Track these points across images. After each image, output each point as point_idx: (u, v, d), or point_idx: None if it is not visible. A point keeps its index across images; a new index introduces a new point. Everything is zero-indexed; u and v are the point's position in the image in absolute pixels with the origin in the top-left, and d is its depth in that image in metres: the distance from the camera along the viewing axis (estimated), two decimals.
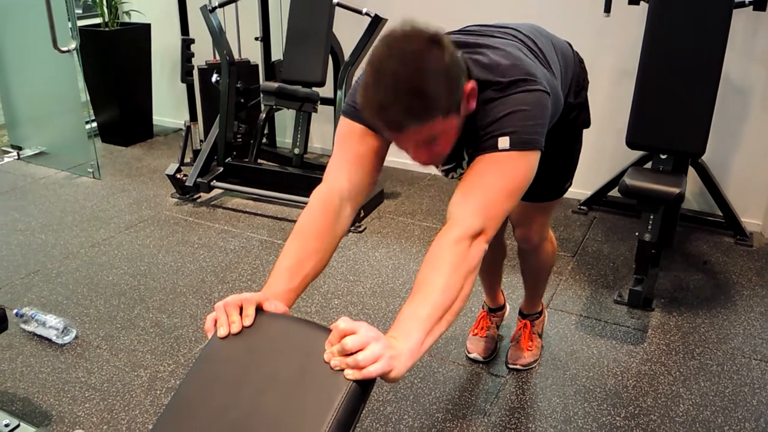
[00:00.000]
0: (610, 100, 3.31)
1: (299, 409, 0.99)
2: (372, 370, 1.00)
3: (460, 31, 1.55)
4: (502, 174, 1.26)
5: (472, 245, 1.20)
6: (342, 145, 1.40)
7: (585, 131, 1.85)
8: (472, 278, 1.19)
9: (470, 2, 3.50)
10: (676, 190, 2.42)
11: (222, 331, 1.11)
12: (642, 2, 2.84)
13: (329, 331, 1.05)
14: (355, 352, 1.01)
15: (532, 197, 1.79)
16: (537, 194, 1.86)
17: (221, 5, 3.44)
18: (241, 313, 1.12)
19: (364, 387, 1.01)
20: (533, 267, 2.14)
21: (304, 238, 1.29)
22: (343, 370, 1.01)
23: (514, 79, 1.30)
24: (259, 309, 1.14)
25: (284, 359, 1.06)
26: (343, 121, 1.40)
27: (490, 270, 2.25)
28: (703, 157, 3.02)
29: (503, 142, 1.25)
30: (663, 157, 2.66)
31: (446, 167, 1.58)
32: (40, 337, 2.37)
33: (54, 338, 2.34)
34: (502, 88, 1.30)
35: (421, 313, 1.10)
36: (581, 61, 1.79)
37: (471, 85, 1.26)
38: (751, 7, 2.69)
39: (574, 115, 1.74)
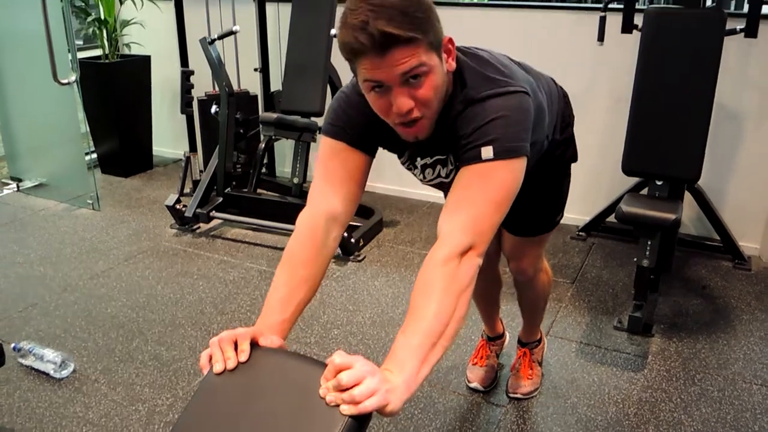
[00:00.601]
0: (607, 127, 3.34)
1: None
2: (368, 405, 1.00)
3: None
4: (488, 185, 1.23)
5: (462, 263, 1.17)
6: (324, 165, 1.38)
7: (584, 156, 1.85)
8: (466, 297, 1.16)
9: (466, 33, 3.54)
10: (672, 216, 2.42)
11: (218, 367, 1.11)
12: (635, 30, 2.88)
13: (324, 366, 1.05)
14: (351, 387, 1.00)
15: (524, 231, 1.79)
16: (528, 228, 1.86)
17: (220, 37, 3.48)
18: (236, 349, 1.12)
19: (360, 422, 1.01)
20: (529, 298, 2.14)
21: (292, 267, 1.29)
22: (338, 405, 1.01)
23: (493, 81, 1.29)
24: (254, 344, 1.14)
25: (280, 395, 1.06)
26: (324, 140, 1.39)
27: (488, 300, 2.25)
28: (700, 182, 3.03)
29: (486, 151, 1.22)
30: (659, 183, 2.68)
31: (425, 162, 1.49)
32: (38, 371, 2.36)
33: (52, 372, 2.33)
34: (480, 89, 1.29)
35: (414, 342, 1.09)
36: (565, 96, 1.78)
37: (448, 38, 1.25)
38: (743, 34, 2.73)
39: (561, 151, 1.73)
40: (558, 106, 1.68)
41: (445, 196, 1.53)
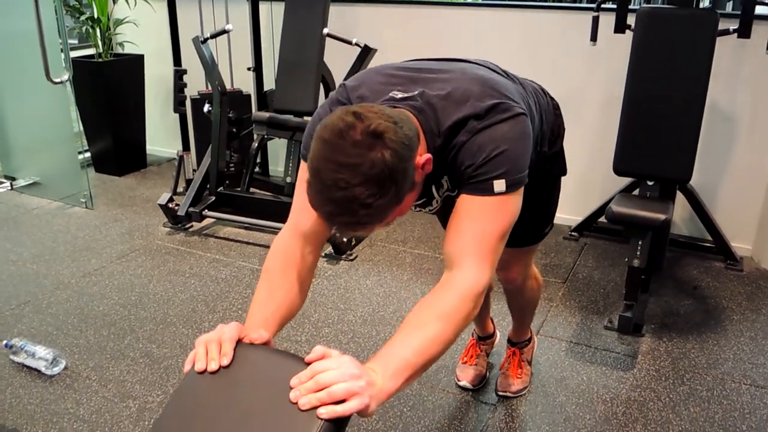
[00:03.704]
0: (600, 127, 3.35)
1: None
2: (348, 407, 1.00)
3: (416, 60, 1.54)
4: (501, 218, 1.26)
5: (477, 300, 1.22)
6: (302, 187, 1.36)
7: (576, 156, 1.85)
8: (462, 328, 1.21)
9: (458, 33, 3.55)
10: (662, 217, 2.43)
11: (199, 366, 1.11)
12: (628, 31, 2.89)
13: (307, 364, 1.05)
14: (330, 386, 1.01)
15: (512, 243, 1.79)
16: (517, 240, 1.86)
17: (213, 36, 3.49)
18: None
19: (338, 424, 1.01)
20: (518, 304, 2.14)
21: (270, 280, 1.32)
22: (315, 408, 1.00)
23: (493, 104, 1.27)
24: (239, 342, 1.15)
25: (261, 394, 1.06)
26: (303, 166, 1.39)
27: None
28: (692, 183, 3.04)
29: (499, 185, 1.24)
30: (650, 183, 2.69)
31: (416, 203, 1.50)
32: (29, 368, 2.36)
33: (43, 369, 2.33)
34: (481, 116, 1.26)
35: (408, 354, 1.12)
36: (556, 108, 1.74)
37: (424, 159, 1.20)
38: (735, 34, 2.74)
39: (550, 165, 1.72)
40: (547, 118, 1.66)
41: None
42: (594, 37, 2.99)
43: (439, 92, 1.29)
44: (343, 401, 1.01)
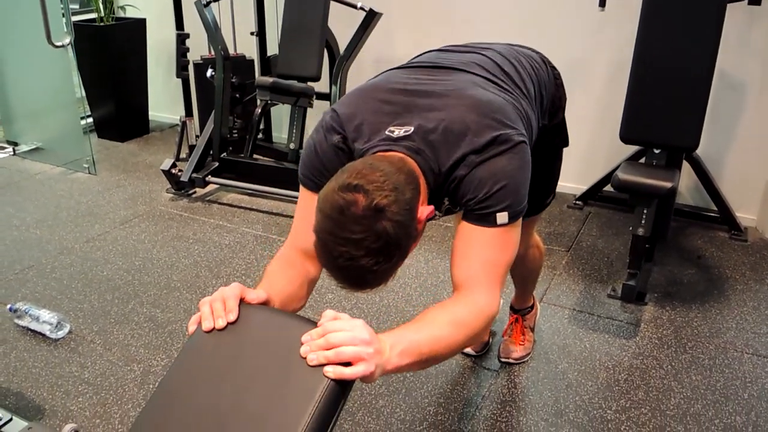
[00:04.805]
0: (606, 95, 3.31)
1: (279, 405, 1.00)
2: (355, 371, 1.01)
3: (409, 68, 1.48)
4: (505, 248, 1.29)
5: (488, 323, 1.26)
6: (301, 209, 1.40)
7: (582, 125, 1.83)
8: (469, 342, 1.24)
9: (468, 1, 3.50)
10: (668, 185, 2.42)
11: (206, 324, 1.11)
12: None
13: (313, 324, 1.05)
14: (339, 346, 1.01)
15: None
16: None
17: (216, 0, 3.44)
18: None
19: (343, 386, 1.02)
20: (521, 272, 2.14)
21: (271, 276, 1.33)
22: (322, 366, 1.01)
23: (491, 138, 1.25)
24: (243, 303, 1.14)
25: (267, 353, 1.06)
26: (302, 190, 1.40)
27: None
28: (699, 152, 3.02)
29: (502, 218, 1.25)
30: (656, 151, 2.66)
31: None
32: (34, 332, 2.37)
33: (48, 333, 2.35)
34: (479, 151, 1.25)
35: (422, 339, 1.14)
36: (557, 77, 1.72)
37: (427, 212, 1.22)
38: (746, 1, 2.69)
39: (551, 137, 1.71)
40: (548, 91, 1.64)
41: None
42: (602, 3, 2.94)
43: (435, 125, 1.27)
44: (349, 364, 1.01)
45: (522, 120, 1.37)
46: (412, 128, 1.27)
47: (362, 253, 1.09)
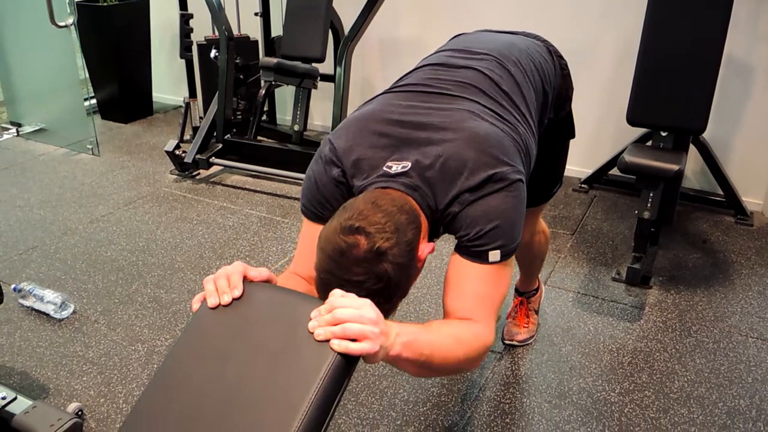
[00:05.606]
0: (613, 78, 3.28)
1: (285, 380, 1.00)
2: (362, 347, 1.00)
3: (404, 92, 1.44)
4: (498, 283, 1.29)
5: (484, 351, 1.27)
6: (303, 238, 1.40)
7: (588, 108, 1.82)
8: (463, 364, 1.26)
9: None
10: (675, 167, 2.40)
11: (212, 301, 1.11)
12: None
13: (316, 300, 1.05)
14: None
15: None
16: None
17: None
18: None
19: (349, 361, 1.01)
20: (527, 257, 2.13)
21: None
22: (328, 340, 1.01)
23: (486, 177, 1.24)
24: (245, 280, 1.14)
25: (271, 329, 1.06)
26: (305, 220, 1.40)
27: None
28: (706, 136, 2.99)
29: (494, 255, 1.25)
30: (663, 134, 2.64)
31: None
32: (38, 312, 2.38)
33: (52, 313, 2.35)
34: (473, 190, 1.24)
35: (429, 339, 1.15)
36: (564, 68, 1.69)
37: (428, 250, 1.23)
38: None
39: (558, 131, 1.70)
40: (554, 84, 1.61)
41: None
42: None
43: (433, 161, 1.25)
44: (354, 341, 1.01)
45: (520, 153, 1.34)
46: (410, 164, 1.26)
47: (364, 294, 1.08)
